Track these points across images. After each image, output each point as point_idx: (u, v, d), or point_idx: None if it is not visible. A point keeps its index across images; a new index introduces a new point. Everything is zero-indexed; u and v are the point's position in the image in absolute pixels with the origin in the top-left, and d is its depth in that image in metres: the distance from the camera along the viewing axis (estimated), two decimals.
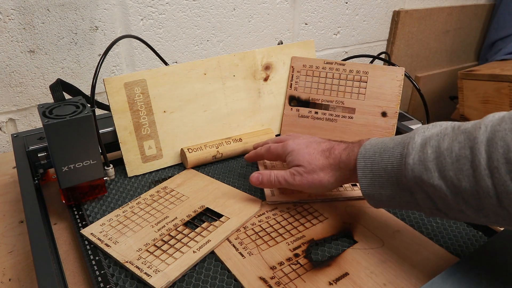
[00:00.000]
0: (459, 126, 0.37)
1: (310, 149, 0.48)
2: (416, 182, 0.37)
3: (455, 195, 0.35)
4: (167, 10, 0.89)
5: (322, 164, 0.46)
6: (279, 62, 0.70)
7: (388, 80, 0.65)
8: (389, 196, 0.41)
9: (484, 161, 0.32)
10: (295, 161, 0.48)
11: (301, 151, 0.49)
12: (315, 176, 0.46)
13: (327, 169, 0.46)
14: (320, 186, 0.47)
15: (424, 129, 0.39)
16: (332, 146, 0.47)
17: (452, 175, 0.34)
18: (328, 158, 0.46)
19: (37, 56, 0.78)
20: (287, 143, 0.51)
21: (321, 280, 0.41)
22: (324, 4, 1.13)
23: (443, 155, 0.35)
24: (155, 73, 0.60)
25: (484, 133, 0.33)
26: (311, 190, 0.48)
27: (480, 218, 0.35)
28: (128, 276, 0.43)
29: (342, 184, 0.48)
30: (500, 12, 1.54)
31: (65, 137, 0.48)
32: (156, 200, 0.54)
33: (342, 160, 0.45)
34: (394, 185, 0.40)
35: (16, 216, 0.57)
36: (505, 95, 1.24)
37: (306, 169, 0.47)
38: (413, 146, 0.38)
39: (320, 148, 0.48)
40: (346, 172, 0.45)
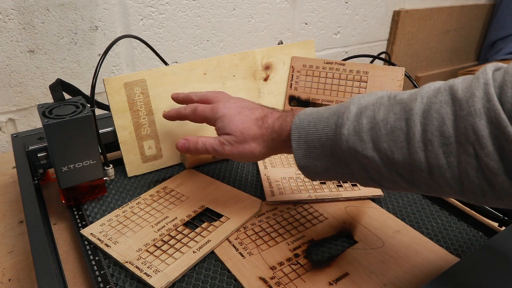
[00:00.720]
0: (395, 96, 0.35)
1: (243, 116, 0.46)
2: (351, 153, 0.36)
3: (388, 167, 0.34)
4: (167, 10, 0.89)
5: (254, 133, 0.44)
6: (279, 62, 0.70)
7: (388, 80, 0.65)
8: (324, 167, 0.39)
9: (419, 133, 0.32)
10: (226, 129, 0.46)
11: (232, 117, 0.46)
12: (246, 146, 0.44)
13: (259, 139, 0.44)
14: (251, 156, 0.45)
15: (359, 98, 0.38)
16: (265, 115, 0.45)
17: (386, 147, 0.33)
18: (261, 127, 0.44)
19: (36, 56, 0.78)
20: (217, 106, 0.48)
21: (321, 280, 0.41)
22: (324, 4, 1.13)
23: (378, 126, 0.34)
24: (155, 73, 0.60)
25: (420, 105, 0.32)
26: (241, 160, 0.47)
27: (413, 189, 0.35)
28: (128, 276, 0.43)
29: (273, 154, 0.46)
30: (500, 12, 1.54)
31: (65, 137, 0.48)
32: (156, 200, 0.54)
33: (274, 130, 0.43)
34: (329, 156, 0.38)
35: (16, 216, 0.57)
36: None
37: (238, 138, 0.45)
38: (347, 116, 0.36)
39: (254, 115, 0.46)
40: (279, 142, 0.43)
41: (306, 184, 0.57)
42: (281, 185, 0.56)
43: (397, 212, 0.52)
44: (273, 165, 0.62)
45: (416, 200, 0.55)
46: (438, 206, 0.53)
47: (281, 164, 0.62)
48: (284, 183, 0.57)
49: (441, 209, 0.53)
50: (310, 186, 0.56)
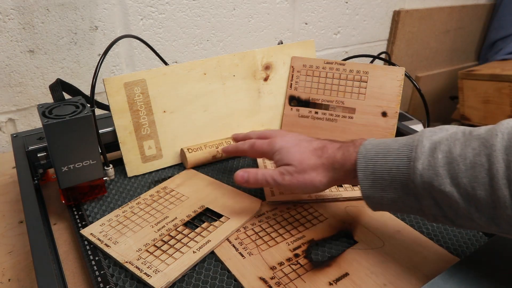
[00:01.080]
0: (470, 132, 0.35)
1: (301, 148, 0.46)
2: (425, 187, 0.35)
3: (467, 203, 0.34)
4: (167, 10, 0.89)
5: (314, 163, 0.44)
6: (279, 62, 0.70)
7: (388, 80, 0.65)
8: (391, 200, 0.39)
9: (502, 170, 0.31)
10: (285, 160, 0.45)
11: (291, 149, 0.46)
12: (306, 176, 0.44)
13: (320, 169, 0.43)
14: (312, 187, 0.44)
15: (431, 133, 0.37)
16: (324, 145, 0.45)
17: (465, 182, 0.33)
18: (321, 157, 0.44)
19: (36, 56, 0.78)
20: (275, 140, 0.48)
21: (321, 281, 0.41)
22: (324, 4, 1.13)
23: (455, 161, 0.34)
24: (155, 73, 0.60)
25: (502, 141, 0.32)
26: (301, 191, 0.45)
27: (491, 227, 0.34)
28: (128, 276, 0.43)
29: (334, 185, 0.46)
30: (501, 11, 1.54)
31: (64, 137, 0.48)
32: (156, 200, 0.54)
33: (336, 160, 0.43)
34: (397, 189, 0.38)
35: (15, 216, 0.57)
36: (505, 95, 1.24)
37: (297, 168, 0.44)
38: (422, 150, 0.36)
39: (311, 146, 0.45)
40: (341, 172, 0.42)
41: None
42: None
43: None
44: (273, 165, 0.62)
45: None
46: None
47: None
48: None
49: None
50: None
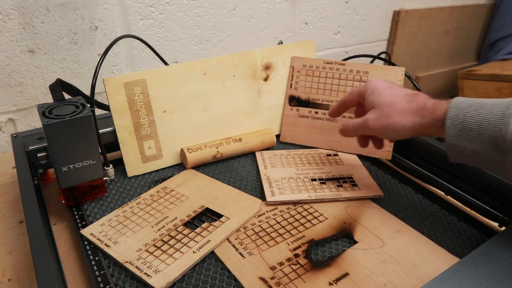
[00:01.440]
0: None
1: (393, 91, 0.47)
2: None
3: None
4: (167, 10, 0.89)
5: (401, 108, 0.45)
6: (279, 62, 0.70)
7: (389, 80, 0.65)
8: (474, 151, 0.40)
9: None
10: (375, 102, 0.47)
11: (382, 91, 0.47)
12: (390, 120, 0.45)
13: (406, 113, 0.44)
14: (394, 131, 0.45)
15: None
16: (417, 93, 0.46)
17: None
18: (411, 102, 0.45)
19: (36, 56, 0.78)
20: (368, 82, 0.50)
21: (321, 281, 0.41)
22: (324, 4, 1.13)
23: None
24: (155, 73, 0.60)
25: None
26: (385, 135, 0.47)
27: None
28: (128, 276, 0.43)
29: (417, 134, 0.45)
30: (501, 12, 1.54)
31: (64, 137, 0.48)
32: (156, 200, 0.54)
33: (426, 107, 0.43)
34: (484, 142, 0.39)
35: (15, 216, 0.57)
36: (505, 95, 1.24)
37: (383, 112, 0.46)
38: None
39: (404, 91, 0.46)
40: (428, 120, 0.43)
41: (306, 184, 0.57)
42: (281, 185, 0.56)
43: (397, 212, 0.52)
44: (273, 165, 0.62)
45: (416, 200, 0.55)
46: (438, 206, 0.53)
47: (281, 164, 0.62)
48: (284, 183, 0.57)
49: (441, 209, 0.53)
50: (310, 186, 0.56)
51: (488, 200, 0.53)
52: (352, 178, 0.59)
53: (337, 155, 0.66)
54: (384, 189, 0.57)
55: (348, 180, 0.58)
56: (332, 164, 0.63)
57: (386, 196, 0.55)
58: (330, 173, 0.60)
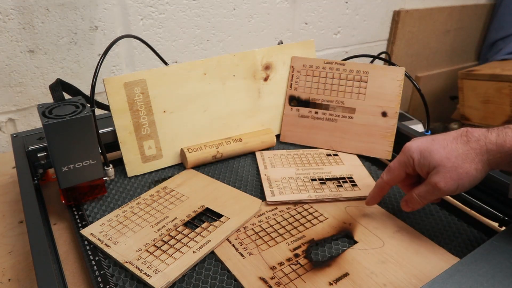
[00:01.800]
0: None
1: (440, 142, 0.41)
2: None
3: None
4: (167, 10, 0.89)
5: (462, 152, 0.39)
6: (279, 62, 0.70)
7: (388, 80, 0.65)
8: None
9: None
10: (431, 163, 0.41)
11: (431, 148, 0.41)
12: (460, 171, 0.39)
13: (471, 155, 0.39)
14: (469, 180, 0.40)
15: None
16: (466, 130, 0.41)
17: None
18: (468, 143, 0.40)
19: (36, 56, 0.78)
20: (407, 145, 0.44)
21: (321, 281, 0.41)
22: (324, 4, 1.13)
23: None
24: (155, 73, 0.60)
25: None
26: (461, 189, 0.41)
27: None
28: (128, 276, 0.43)
29: (491, 170, 0.41)
30: (501, 12, 1.54)
31: (65, 137, 0.48)
32: (156, 200, 0.54)
33: (490, 141, 0.39)
34: None
35: (15, 216, 0.57)
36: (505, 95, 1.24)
37: (446, 167, 0.40)
38: None
39: (451, 136, 0.41)
40: (498, 154, 0.38)
41: (306, 184, 0.57)
42: (281, 185, 0.56)
43: (397, 212, 0.52)
44: (273, 165, 0.62)
45: None
46: (438, 206, 0.53)
47: (281, 164, 0.62)
48: (284, 183, 0.57)
49: (441, 209, 0.53)
50: (310, 186, 0.56)
51: (488, 200, 0.53)
52: (352, 178, 0.59)
53: (337, 155, 0.66)
54: None
55: (348, 180, 0.58)
56: (332, 164, 0.63)
57: (386, 196, 0.55)
58: (330, 173, 0.60)
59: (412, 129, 0.65)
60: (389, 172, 0.46)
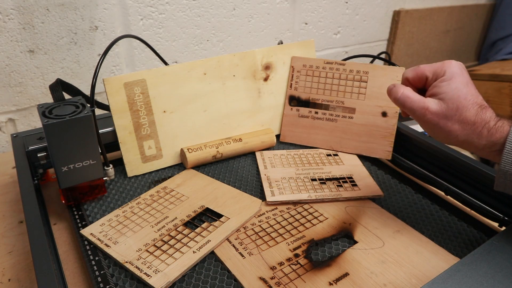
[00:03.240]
0: None
1: (469, 91, 0.41)
2: None
3: None
4: (167, 10, 0.89)
5: (466, 116, 0.40)
6: (279, 62, 0.70)
7: (389, 80, 0.65)
8: None
9: None
10: (446, 94, 0.40)
11: (460, 85, 0.41)
12: (449, 124, 0.40)
13: (467, 125, 0.40)
14: (444, 136, 0.41)
15: None
16: (486, 106, 0.40)
17: None
18: (477, 115, 0.40)
19: (36, 56, 0.78)
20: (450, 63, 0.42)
21: (321, 280, 0.41)
22: (324, 4, 1.13)
23: None
24: (155, 73, 0.60)
25: None
26: (433, 135, 0.42)
27: None
28: (128, 276, 0.43)
29: (465, 148, 0.41)
30: (501, 12, 1.54)
31: (64, 137, 0.48)
32: (156, 200, 0.54)
33: (489, 126, 0.39)
34: None
35: (15, 216, 0.57)
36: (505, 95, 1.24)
37: (447, 111, 0.40)
38: None
39: (478, 98, 0.41)
40: (483, 141, 0.39)
41: (306, 184, 0.57)
42: (281, 185, 0.56)
43: (397, 212, 0.52)
44: (273, 165, 0.62)
45: (416, 200, 0.55)
46: (438, 206, 0.53)
47: (281, 164, 0.62)
48: (284, 183, 0.57)
49: (441, 209, 0.53)
50: (310, 186, 0.56)
51: (488, 200, 0.53)
52: (352, 178, 0.59)
53: (337, 155, 0.66)
54: (384, 189, 0.57)
55: (348, 180, 0.58)
56: (332, 164, 0.63)
57: (386, 196, 0.55)
58: (330, 173, 0.60)
59: (412, 129, 0.65)
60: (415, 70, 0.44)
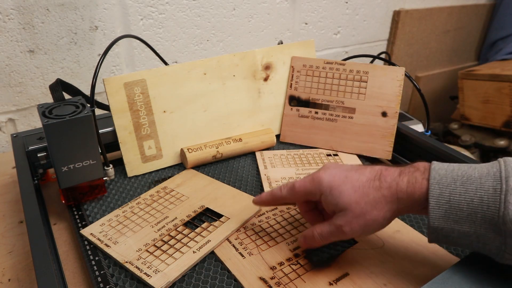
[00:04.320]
0: None
1: (353, 183, 0.39)
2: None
3: None
4: (167, 10, 0.89)
5: (373, 199, 0.38)
6: (279, 62, 0.70)
7: (388, 80, 0.65)
8: (463, 233, 0.35)
9: None
10: (339, 204, 0.39)
11: (341, 188, 0.39)
12: (367, 217, 0.38)
13: (381, 204, 0.38)
14: (376, 227, 0.39)
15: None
16: (380, 173, 0.39)
17: None
18: (380, 189, 0.38)
19: (36, 56, 0.78)
20: (318, 176, 0.41)
21: (321, 280, 0.41)
22: (324, 4, 1.13)
23: None
24: (155, 73, 0.60)
25: None
26: (365, 234, 0.40)
27: None
28: (128, 276, 0.43)
29: (398, 216, 0.40)
30: (501, 11, 1.54)
31: (64, 137, 0.48)
32: (156, 200, 0.54)
33: (400, 189, 0.37)
34: (476, 223, 0.34)
35: (15, 216, 0.57)
36: (505, 95, 1.24)
37: (354, 212, 0.38)
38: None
39: (365, 177, 0.39)
40: (408, 203, 0.37)
41: None
42: None
43: None
44: (273, 165, 0.62)
45: None
46: None
47: (281, 164, 0.62)
48: (284, 183, 0.57)
49: None
50: None
51: None
52: None
53: (337, 155, 0.66)
54: None
55: None
56: None
57: None
58: None
59: (412, 129, 0.66)
60: (292, 190, 0.43)
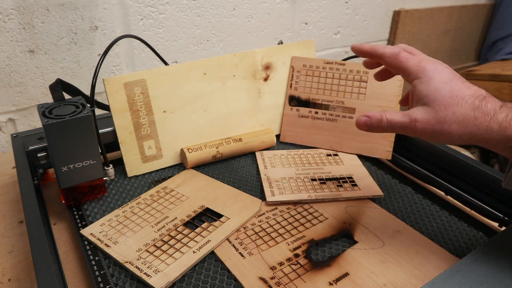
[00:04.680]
0: None
1: (454, 86, 0.35)
2: None
3: None
4: (167, 10, 0.89)
5: (463, 114, 0.34)
6: (279, 62, 0.70)
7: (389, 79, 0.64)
8: None
9: None
10: (428, 97, 0.36)
11: (441, 85, 0.36)
12: (445, 127, 0.35)
13: (469, 123, 0.34)
14: (445, 140, 0.36)
15: None
16: (484, 96, 0.35)
17: None
18: (476, 109, 0.34)
19: (36, 56, 0.78)
20: (427, 63, 0.37)
21: (321, 281, 0.41)
22: (324, 4, 1.13)
23: None
24: (155, 73, 0.60)
25: None
26: (433, 139, 0.37)
27: None
28: (128, 276, 0.43)
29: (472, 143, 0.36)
30: (501, 12, 1.54)
31: (64, 137, 0.48)
32: (156, 200, 0.54)
33: (495, 120, 0.34)
34: None
35: (15, 216, 0.57)
36: (505, 95, 1.24)
37: (437, 114, 0.35)
38: None
39: (469, 91, 0.35)
40: (496, 136, 0.34)
41: (306, 184, 0.57)
42: (281, 185, 0.56)
43: (397, 212, 0.52)
44: (273, 165, 0.62)
45: (416, 200, 0.55)
46: (438, 206, 0.53)
47: (281, 164, 0.62)
48: (284, 183, 0.57)
49: (441, 209, 0.53)
50: (310, 186, 0.56)
51: (488, 200, 0.53)
52: (352, 178, 0.59)
53: (337, 155, 0.66)
54: (384, 189, 0.57)
55: (348, 180, 0.58)
56: (332, 164, 0.63)
57: (386, 196, 0.55)
58: (330, 173, 0.60)
59: None
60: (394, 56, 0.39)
